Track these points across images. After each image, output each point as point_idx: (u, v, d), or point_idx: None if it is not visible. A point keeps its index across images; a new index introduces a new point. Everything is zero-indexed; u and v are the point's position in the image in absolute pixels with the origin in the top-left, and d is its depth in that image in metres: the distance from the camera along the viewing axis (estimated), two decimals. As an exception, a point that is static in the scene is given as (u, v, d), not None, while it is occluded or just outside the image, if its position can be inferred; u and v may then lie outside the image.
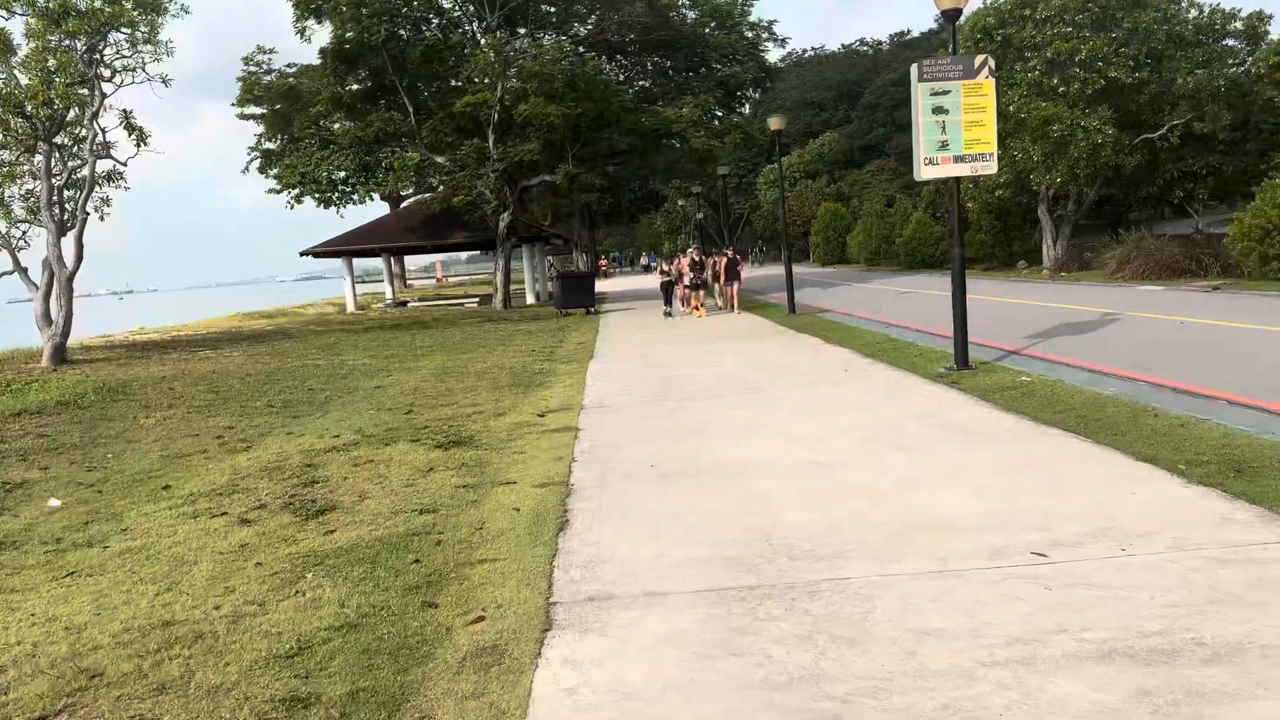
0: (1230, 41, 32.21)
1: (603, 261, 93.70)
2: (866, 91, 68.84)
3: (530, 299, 35.55)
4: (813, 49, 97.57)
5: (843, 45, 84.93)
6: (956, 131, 10.50)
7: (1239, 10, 31.36)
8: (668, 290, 24.17)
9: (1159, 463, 6.19)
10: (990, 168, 10.61)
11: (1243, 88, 30.94)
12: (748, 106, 37.00)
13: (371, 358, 17.66)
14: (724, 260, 24.19)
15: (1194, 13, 31.66)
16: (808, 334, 16.67)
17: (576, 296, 26.49)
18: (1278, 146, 32.48)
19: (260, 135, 40.27)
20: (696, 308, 23.16)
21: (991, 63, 10.57)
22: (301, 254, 35.25)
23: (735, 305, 23.53)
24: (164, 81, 20.65)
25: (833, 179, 63.94)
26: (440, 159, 29.72)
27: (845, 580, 4.53)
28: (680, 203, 58.46)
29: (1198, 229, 38.14)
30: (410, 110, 29.82)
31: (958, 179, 10.75)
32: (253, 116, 36.22)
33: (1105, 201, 41.29)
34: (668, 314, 23.43)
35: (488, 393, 12.19)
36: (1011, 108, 31.09)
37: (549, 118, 24.87)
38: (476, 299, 36.61)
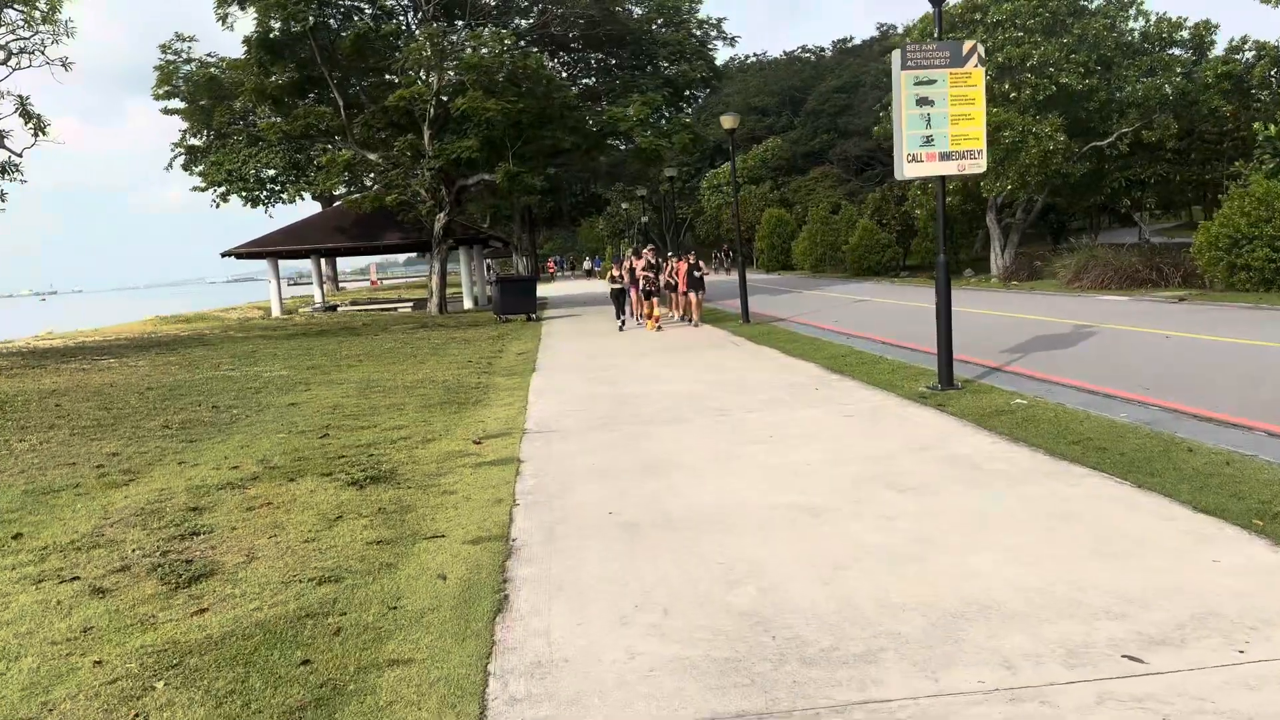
0: (1176, 50, 32.10)
1: (550, 263, 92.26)
2: (809, 98, 68.50)
3: (468, 303, 34.06)
4: (755, 55, 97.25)
5: (785, 52, 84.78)
6: (942, 125, 9.47)
7: (1185, 19, 31.23)
8: (619, 298, 21.63)
9: (1226, 515, 5.13)
10: (979, 166, 9.60)
11: (1189, 96, 30.77)
12: (691, 110, 35.95)
13: (290, 369, 16.14)
14: (683, 265, 21.54)
15: (1141, 21, 31.47)
16: (766, 345, 15.59)
17: (517, 302, 25.16)
18: (1221, 156, 32.45)
19: (184, 131, 38.13)
20: (651, 319, 20.50)
21: (981, 50, 9.56)
22: (224, 255, 33.30)
23: (697, 317, 20.87)
24: (64, 65, 18.90)
25: (776, 185, 63.37)
26: (373, 156, 28.12)
27: (887, 704, 3.34)
28: (624, 206, 57.31)
29: (1144, 238, 38.15)
30: (340, 104, 28.16)
31: (943, 178, 9.71)
32: (176, 111, 34.28)
33: (1049, 210, 41.20)
34: (621, 326, 20.98)
35: (416, 412, 10.83)
36: (962, 113, 30.52)
37: (488, 113, 23.47)
38: (411, 303, 35.01)
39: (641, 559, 5.11)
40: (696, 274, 20.98)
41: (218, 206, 41.33)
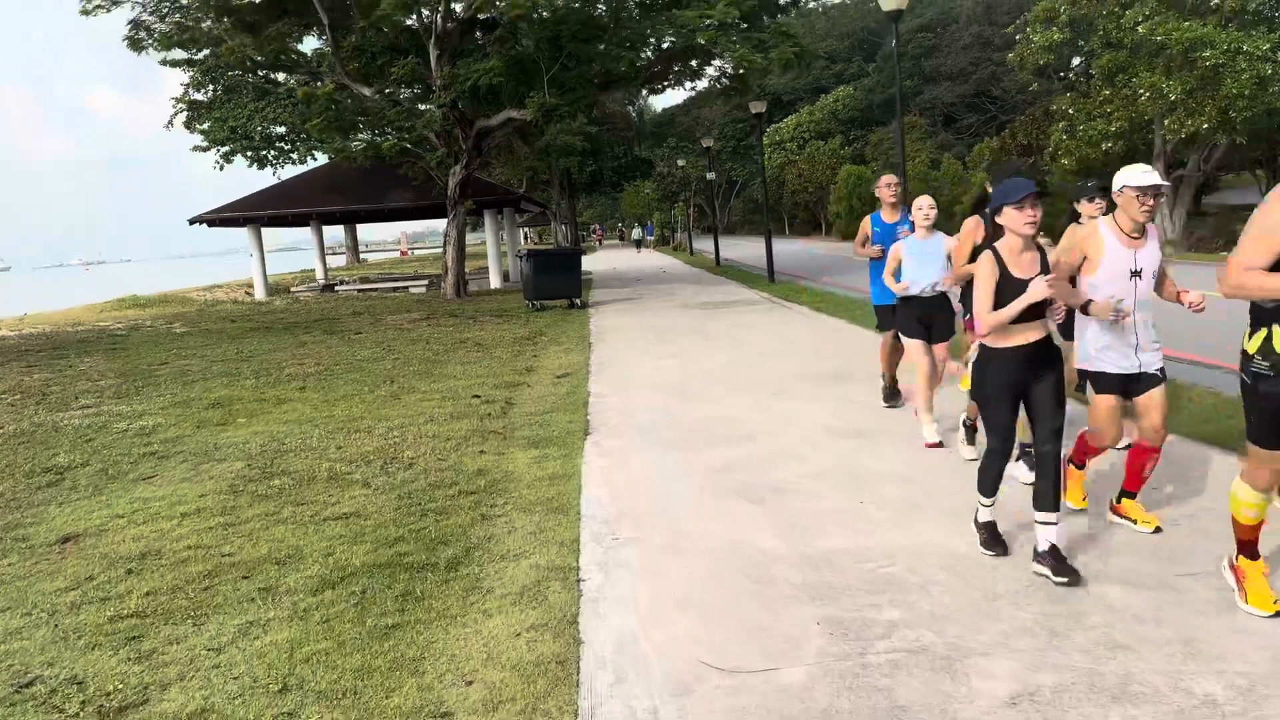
0: None
1: (597, 230, 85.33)
2: (887, 39, 60.53)
3: (495, 281, 27.36)
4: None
5: (852, -9, 76.25)
6: None
7: None
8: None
9: None
10: None
11: None
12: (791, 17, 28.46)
13: (178, 407, 9.54)
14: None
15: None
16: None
17: (554, 283, 18.38)
18: None
19: (185, 85, 32.09)
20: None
21: None
22: (191, 222, 26.79)
23: None
24: None
25: (848, 139, 55.87)
26: (367, 90, 21.34)
27: None
28: (679, 163, 50.06)
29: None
30: (326, 23, 21.38)
31: None
32: (175, 63, 27.54)
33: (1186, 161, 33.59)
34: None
35: (296, 623, 4.11)
36: (1141, 29, 23.12)
37: (516, 10, 16.48)
38: (426, 281, 28.39)
39: None
40: None
41: (221, 169, 35.42)
